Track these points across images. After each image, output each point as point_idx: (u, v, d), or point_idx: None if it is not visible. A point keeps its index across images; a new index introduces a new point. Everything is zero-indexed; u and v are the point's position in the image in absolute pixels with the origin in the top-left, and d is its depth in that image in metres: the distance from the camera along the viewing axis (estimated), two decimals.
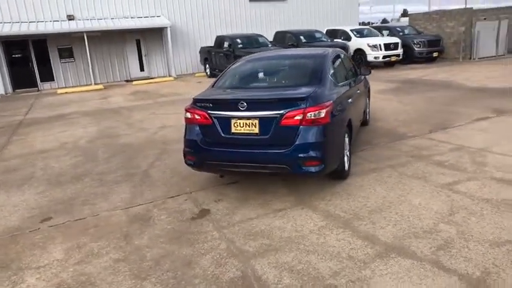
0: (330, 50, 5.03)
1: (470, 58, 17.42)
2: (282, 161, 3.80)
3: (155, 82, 17.29)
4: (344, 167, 4.39)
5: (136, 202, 4.43)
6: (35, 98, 14.60)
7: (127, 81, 18.28)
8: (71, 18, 16.84)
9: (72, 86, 17.01)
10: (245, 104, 3.82)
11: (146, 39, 18.84)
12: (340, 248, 3.13)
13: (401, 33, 17.97)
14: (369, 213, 3.68)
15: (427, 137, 6.08)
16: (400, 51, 16.46)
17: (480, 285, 2.53)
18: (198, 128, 4.15)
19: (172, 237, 3.54)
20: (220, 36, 16.67)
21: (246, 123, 3.88)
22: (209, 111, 4.03)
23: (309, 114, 3.69)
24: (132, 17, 18.06)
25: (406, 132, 6.46)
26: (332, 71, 4.53)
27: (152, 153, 6.39)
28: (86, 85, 17.06)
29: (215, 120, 4.01)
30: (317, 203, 4.01)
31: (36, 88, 16.80)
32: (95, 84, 16.91)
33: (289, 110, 3.72)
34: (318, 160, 3.76)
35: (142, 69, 19.12)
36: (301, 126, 3.72)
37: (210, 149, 4.07)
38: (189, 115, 4.23)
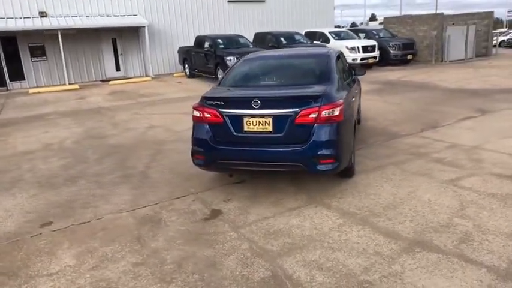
0: (331, 49, 5.07)
1: (442, 61, 18.15)
2: (297, 159, 3.79)
3: (133, 82, 16.84)
4: (352, 164, 4.43)
5: (141, 204, 4.28)
6: (5, 98, 13.84)
7: (102, 81, 17.69)
8: (43, 15, 16.10)
9: (45, 86, 16.26)
10: (259, 102, 3.78)
11: (122, 38, 18.33)
12: (364, 244, 3.15)
13: (377, 36, 18.45)
14: (384, 210, 3.73)
15: (420, 136, 6.26)
16: (377, 53, 16.89)
17: (509, 277, 2.61)
18: (207, 126, 4.07)
19: (189, 239, 3.44)
20: (200, 36, 16.47)
21: (259, 122, 3.84)
22: (220, 110, 3.96)
23: (323, 112, 3.70)
24: (108, 15, 17.52)
25: (399, 131, 6.62)
26: (337, 70, 4.57)
27: (146, 154, 6.20)
28: (60, 85, 16.36)
29: (226, 119, 3.94)
30: (329, 200, 4.02)
31: (5, 87, 15.93)
32: (69, 84, 16.25)
33: (304, 108, 3.71)
34: (333, 158, 3.77)
35: (118, 69, 18.57)
36: (315, 124, 3.72)
37: (221, 148, 4.00)
38: (198, 113, 4.13)
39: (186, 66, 17.45)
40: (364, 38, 18.49)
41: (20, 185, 5.07)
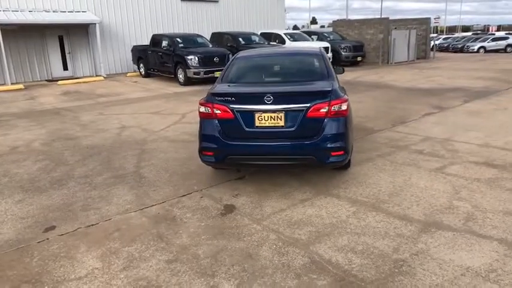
0: (317, 48, 5.31)
1: (388, 62, 19.49)
2: (309, 152, 3.95)
3: (84, 82, 15.94)
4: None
5: (147, 203, 4.17)
6: None
7: (49, 81, 16.53)
8: None
9: None
10: (271, 97, 3.88)
11: (70, 35, 17.26)
12: (384, 228, 3.39)
13: (328, 39, 19.33)
14: (389, 197, 4.03)
15: (393, 130, 6.75)
16: (330, 55, 17.67)
17: None
18: (217, 122, 4.08)
19: (214, 234, 3.44)
20: (157, 35, 16.05)
21: (271, 117, 3.94)
22: (231, 105, 4.00)
23: (333, 107, 3.90)
24: (54, 11, 16.40)
25: (373, 126, 7.08)
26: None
27: (130, 154, 5.99)
28: (1, 85, 15.00)
29: (237, 114, 3.99)
30: (335, 191, 4.24)
31: None
32: (12, 84, 14.97)
33: (315, 102, 3.88)
34: (343, 150, 3.99)
35: (66, 68, 17.45)
36: (326, 118, 3.91)
37: (232, 143, 4.04)
38: (206, 109, 4.12)
39: (141, 65, 16.91)
40: (317, 40, 19.26)
41: (0, 191, 4.67)
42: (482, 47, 28.47)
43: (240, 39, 16.50)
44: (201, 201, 4.17)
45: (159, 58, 15.31)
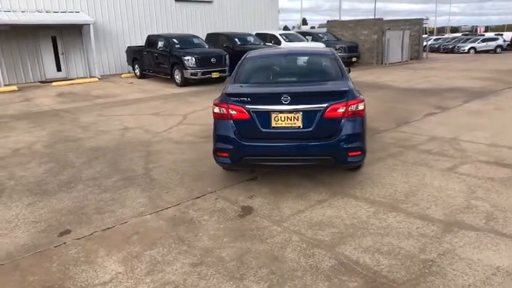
0: (328, 49, 5.30)
1: (382, 63, 19.64)
2: (326, 152, 3.93)
3: (79, 83, 15.72)
4: None
5: (162, 205, 4.11)
6: None
7: (42, 82, 16.25)
8: None
9: None
10: (289, 97, 3.85)
11: (64, 36, 17.00)
12: (406, 228, 3.39)
13: (323, 39, 19.39)
14: (406, 197, 4.03)
15: (398, 131, 6.79)
16: None
17: None
18: (232, 123, 4.04)
19: (235, 236, 3.40)
20: (152, 35, 15.91)
21: (287, 117, 3.91)
22: (247, 106, 3.96)
23: (351, 107, 3.89)
24: (47, 11, 16.14)
25: (378, 126, 7.10)
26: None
27: (136, 155, 5.91)
28: None
29: (254, 115, 3.95)
30: (351, 192, 4.23)
31: None
32: (5, 85, 14.68)
33: (333, 102, 3.87)
34: (360, 150, 3.99)
35: (59, 69, 17.17)
36: (343, 119, 3.90)
37: (248, 144, 4.00)
38: (221, 110, 4.08)
39: (136, 66, 16.75)
40: (311, 40, 19.31)
41: (8, 194, 4.56)
42: (472, 47, 28.88)
43: (236, 39, 16.43)
44: (216, 203, 4.12)
45: (155, 59, 15.17)
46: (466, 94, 10.18)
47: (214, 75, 13.89)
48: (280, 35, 18.23)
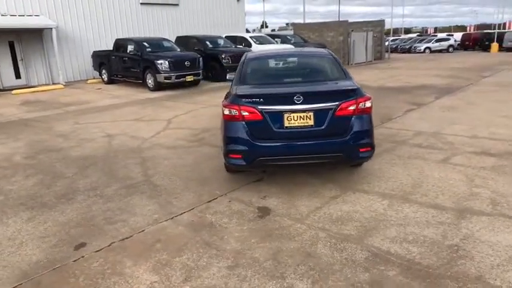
0: (325, 50, 5.44)
1: (348, 63, 20.30)
2: (338, 149, 4.03)
3: (43, 91, 14.93)
4: None
5: (175, 211, 4.03)
6: None
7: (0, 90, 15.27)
8: None
9: None
10: (301, 97, 3.92)
11: (22, 41, 16.07)
12: (423, 217, 3.56)
13: (291, 41, 19.74)
14: (413, 189, 4.23)
15: (385, 127, 7.07)
16: None
17: None
18: (244, 124, 4.04)
19: (262, 236, 3.41)
20: (121, 39, 15.45)
21: (300, 116, 3.98)
22: (259, 107, 3.98)
23: (360, 105, 4.03)
24: (3, 15, 15.20)
25: None
26: None
27: (131, 162, 5.73)
28: None
29: (266, 115, 3.98)
30: (360, 187, 4.37)
31: None
32: None
33: (343, 101, 3.98)
34: (370, 146, 4.13)
35: (18, 76, 16.21)
36: (353, 116, 4.02)
37: (262, 145, 4.02)
38: (232, 112, 4.06)
39: (104, 71, 16.20)
40: (281, 42, 19.58)
41: (1, 210, 4.27)
42: (427, 47, 30.59)
43: (207, 42, 16.36)
44: (231, 205, 4.10)
45: (125, 63, 14.75)
46: (435, 91, 10.78)
47: (189, 78, 13.75)
48: (250, 37, 18.32)
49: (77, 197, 4.54)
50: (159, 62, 13.27)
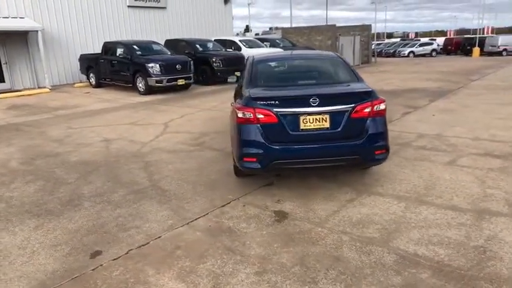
0: (333, 53, 5.45)
1: None
2: (355, 152, 4.02)
3: (29, 95, 14.50)
4: None
5: (189, 217, 3.93)
6: None
7: None
8: None
9: None
10: (317, 99, 3.89)
11: (6, 44, 15.59)
12: (443, 219, 3.57)
13: (280, 45, 19.80)
14: (427, 191, 4.25)
15: None
16: None
17: None
18: (259, 127, 3.98)
19: (285, 241, 3.35)
20: (110, 42, 15.17)
21: (316, 119, 3.95)
22: (275, 109, 3.93)
23: (375, 107, 4.03)
24: None
25: None
26: None
27: (134, 167, 5.59)
28: None
29: (281, 118, 3.94)
30: (374, 189, 4.37)
31: None
32: None
33: (359, 103, 3.97)
34: (385, 148, 4.13)
35: (2, 80, 15.71)
36: (369, 119, 4.02)
37: (278, 148, 3.96)
38: (247, 114, 3.99)
39: (91, 75, 15.87)
40: (270, 46, 19.61)
41: (4, 218, 4.09)
42: (411, 51, 31.23)
43: (198, 46, 16.24)
44: (246, 210, 4.03)
45: (114, 67, 14.48)
46: (427, 94, 10.96)
47: (180, 82, 13.58)
48: (240, 41, 18.29)
49: (84, 204, 4.38)
50: (150, 65, 13.08)
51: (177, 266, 3.06)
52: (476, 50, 29.50)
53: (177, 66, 13.54)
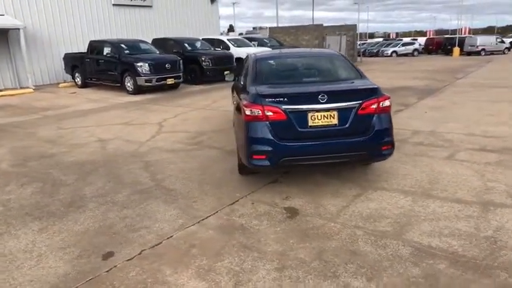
0: (334, 51, 5.50)
1: None
2: (362, 148, 4.07)
3: (11, 95, 14.09)
4: None
5: (200, 215, 3.90)
6: None
7: None
8: None
9: None
10: (326, 96, 3.92)
11: None
12: (451, 212, 3.65)
13: (268, 44, 19.83)
14: (431, 185, 4.34)
15: None
16: None
17: None
18: (268, 124, 3.98)
19: (300, 237, 3.36)
20: (96, 41, 14.88)
21: (324, 116, 3.98)
22: (283, 106, 3.94)
23: (381, 103, 4.09)
24: None
25: None
26: None
27: (135, 167, 5.51)
28: None
29: (290, 115, 3.95)
30: (379, 185, 4.43)
31: None
32: None
33: (365, 100, 4.02)
34: (391, 144, 4.20)
35: None
36: (375, 115, 4.08)
37: (287, 145, 3.98)
38: (255, 111, 3.98)
39: (77, 75, 15.54)
40: (258, 45, 19.62)
41: (4, 221, 3.96)
42: (394, 51, 31.81)
43: (186, 45, 16.10)
44: (256, 207, 4.03)
45: (101, 66, 14.22)
46: (415, 92, 11.19)
47: (169, 81, 13.44)
48: (228, 40, 18.24)
49: (87, 205, 4.29)
50: (139, 64, 12.90)
51: (194, 265, 3.03)
52: (456, 50, 30.30)
53: (166, 66, 13.40)
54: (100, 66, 14.29)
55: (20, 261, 3.21)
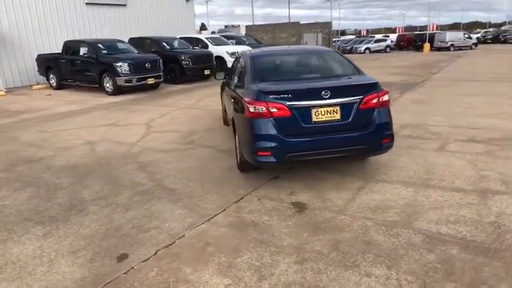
0: (328, 47, 5.60)
1: None
2: (364, 141, 4.18)
3: None
4: None
5: (208, 213, 3.89)
6: None
7: None
8: None
9: None
10: (329, 92, 4.00)
11: None
12: (452, 200, 3.82)
13: (246, 43, 19.86)
14: (428, 175, 4.51)
15: None
16: None
17: None
18: (273, 121, 4.02)
19: (313, 230, 3.42)
20: (71, 41, 14.41)
21: (327, 111, 4.06)
22: (288, 103, 3.99)
23: (381, 98, 4.21)
24: None
25: None
26: None
27: (130, 168, 5.42)
28: None
29: (294, 111, 4.00)
30: (379, 177, 4.56)
31: None
32: None
33: (366, 94, 4.13)
34: (391, 137, 4.33)
35: None
36: (376, 109, 4.20)
37: (292, 141, 4.03)
38: (259, 108, 4.02)
39: (52, 76, 15.01)
40: (236, 44, 19.61)
41: (3, 228, 3.81)
42: (367, 48, 32.50)
43: (164, 44, 15.87)
44: (263, 203, 4.06)
45: (78, 67, 13.80)
46: (396, 87, 11.51)
47: (150, 81, 13.22)
48: (206, 38, 18.11)
49: (89, 208, 4.19)
50: (118, 64, 12.61)
51: (213, 262, 3.03)
52: (427, 46, 31.35)
53: (146, 65, 13.17)
54: (77, 67, 13.87)
55: (31, 268, 3.11)
